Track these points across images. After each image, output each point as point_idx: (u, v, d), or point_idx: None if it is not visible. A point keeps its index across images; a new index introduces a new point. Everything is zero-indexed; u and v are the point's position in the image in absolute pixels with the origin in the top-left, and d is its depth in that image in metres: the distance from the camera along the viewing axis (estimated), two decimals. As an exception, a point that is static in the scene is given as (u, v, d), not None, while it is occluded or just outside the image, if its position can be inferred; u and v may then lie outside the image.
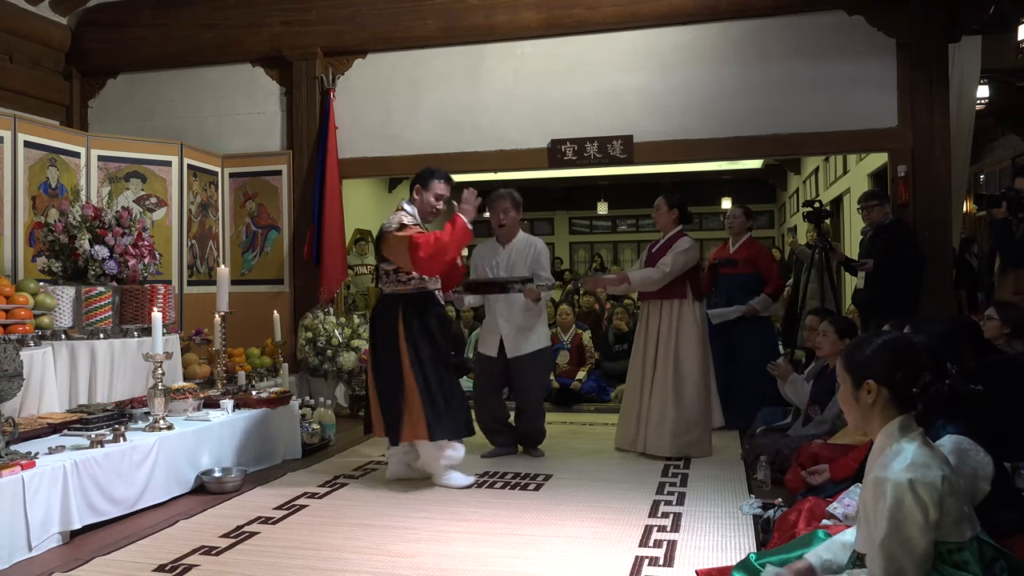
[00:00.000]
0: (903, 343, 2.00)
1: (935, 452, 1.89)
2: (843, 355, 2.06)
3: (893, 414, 1.93)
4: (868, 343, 2.01)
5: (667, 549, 3.09)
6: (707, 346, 4.85)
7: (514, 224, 4.81)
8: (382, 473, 4.33)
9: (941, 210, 5.65)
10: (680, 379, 4.68)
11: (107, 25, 6.89)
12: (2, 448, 3.20)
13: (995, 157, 9.44)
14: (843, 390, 2.03)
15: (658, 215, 4.96)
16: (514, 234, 4.82)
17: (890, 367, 1.93)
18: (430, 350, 4.03)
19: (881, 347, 1.97)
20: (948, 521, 1.80)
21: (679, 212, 4.91)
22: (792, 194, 14.51)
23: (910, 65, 5.66)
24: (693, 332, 4.74)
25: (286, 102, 6.76)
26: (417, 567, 2.95)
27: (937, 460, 1.85)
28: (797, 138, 5.92)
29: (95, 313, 4.59)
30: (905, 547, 1.77)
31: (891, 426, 1.92)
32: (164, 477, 3.81)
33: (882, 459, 1.89)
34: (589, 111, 6.20)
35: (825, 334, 4.18)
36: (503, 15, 6.18)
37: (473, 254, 5.04)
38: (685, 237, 4.84)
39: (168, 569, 2.94)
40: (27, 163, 5.25)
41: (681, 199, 4.99)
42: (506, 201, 4.78)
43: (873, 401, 1.94)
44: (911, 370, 1.93)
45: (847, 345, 2.13)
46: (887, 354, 1.95)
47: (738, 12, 5.91)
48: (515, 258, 4.77)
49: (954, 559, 1.81)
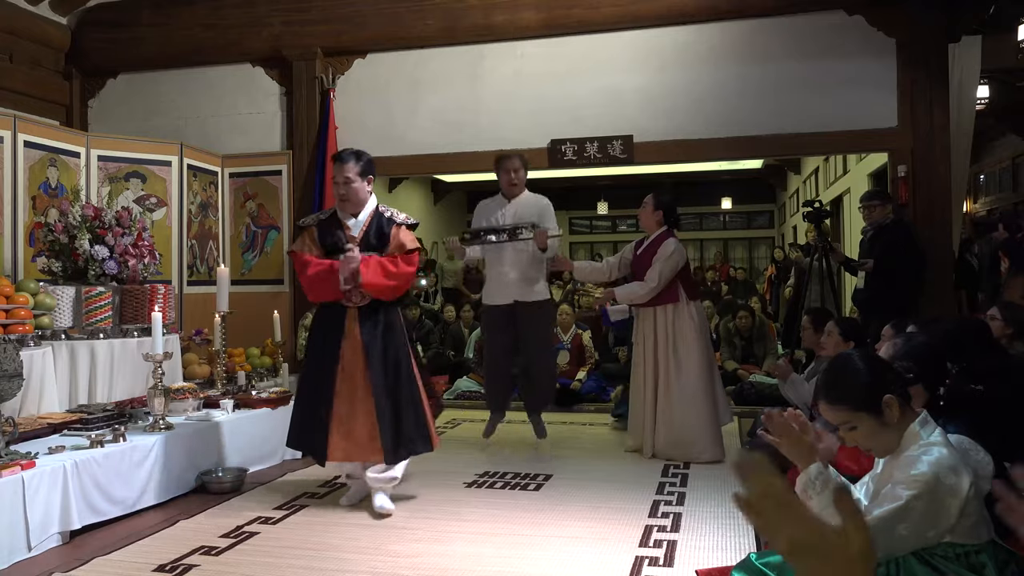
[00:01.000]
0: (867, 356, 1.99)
1: (960, 457, 1.89)
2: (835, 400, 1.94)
3: (912, 417, 1.93)
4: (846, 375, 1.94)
5: (667, 549, 3.09)
6: (708, 346, 4.78)
7: (522, 183, 4.90)
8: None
9: (941, 210, 5.66)
10: (683, 382, 4.60)
11: (107, 25, 6.89)
12: (2, 448, 3.20)
13: (995, 157, 9.44)
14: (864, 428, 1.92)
15: (643, 214, 4.84)
16: (520, 192, 4.89)
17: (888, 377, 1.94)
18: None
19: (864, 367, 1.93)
20: (967, 524, 1.79)
21: (664, 213, 4.80)
22: (792, 194, 14.51)
23: (910, 65, 5.66)
24: (691, 334, 4.64)
25: (286, 102, 6.76)
26: (417, 567, 2.95)
27: (963, 465, 1.85)
28: (797, 138, 5.93)
29: (95, 313, 4.59)
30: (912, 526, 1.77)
31: (911, 428, 1.92)
32: (164, 477, 3.81)
33: (907, 460, 1.87)
34: (589, 111, 6.20)
35: (830, 334, 4.17)
36: (503, 15, 6.18)
37: (476, 210, 5.02)
38: (670, 239, 4.71)
39: (168, 569, 2.94)
40: (27, 163, 5.25)
41: (671, 200, 4.88)
42: (516, 161, 4.86)
43: (899, 412, 1.90)
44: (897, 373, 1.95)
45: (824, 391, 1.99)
46: (874, 368, 1.94)
47: (738, 12, 5.91)
48: (521, 212, 4.81)
49: (971, 561, 1.80)
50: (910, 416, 1.93)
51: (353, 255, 3.54)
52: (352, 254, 3.54)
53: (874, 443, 1.93)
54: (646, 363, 4.74)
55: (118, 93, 7.09)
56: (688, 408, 4.58)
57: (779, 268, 11.25)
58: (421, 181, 14.32)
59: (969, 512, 1.79)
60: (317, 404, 3.63)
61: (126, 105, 7.04)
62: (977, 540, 1.81)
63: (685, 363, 4.63)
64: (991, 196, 9.74)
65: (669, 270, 4.62)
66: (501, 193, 4.93)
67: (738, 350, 7.45)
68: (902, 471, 1.85)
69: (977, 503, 1.81)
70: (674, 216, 4.85)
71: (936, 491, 1.78)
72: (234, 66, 6.84)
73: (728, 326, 7.56)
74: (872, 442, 1.93)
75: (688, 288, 4.74)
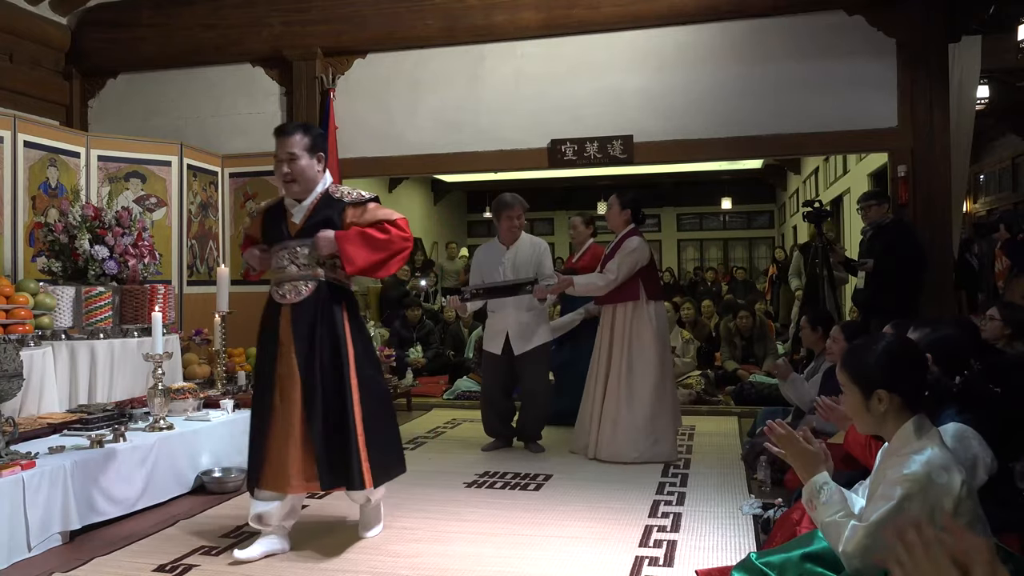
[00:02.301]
0: (905, 346, 1.99)
1: (952, 456, 1.89)
2: (844, 363, 2.02)
3: (906, 416, 1.93)
4: (868, 350, 1.97)
5: (667, 549, 3.09)
6: (666, 346, 4.73)
7: (521, 228, 4.92)
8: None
9: (941, 210, 5.66)
10: (634, 382, 4.55)
11: (107, 25, 6.89)
12: (2, 448, 3.20)
13: (995, 157, 9.44)
14: (851, 400, 1.99)
15: (609, 214, 4.82)
16: (518, 236, 4.90)
17: (898, 374, 1.92)
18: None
19: (885, 354, 1.94)
20: (963, 523, 1.79)
21: (631, 212, 4.78)
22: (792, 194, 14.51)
23: (910, 65, 5.66)
24: (648, 334, 4.59)
25: (286, 102, 6.75)
26: (417, 567, 2.94)
27: (955, 464, 1.85)
28: (797, 138, 5.93)
29: (95, 313, 4.59)
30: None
31: (906, 428, 1.92)
32: (164, 477, 3.80)
33: (899, 460, 1.87)
34: (589, 111, 6.20)
35: (835, 339, 4.15)
36: (503, 15, 6.18)
37: (475, 256, 5.10)
38: (634, 237, 4.68)
39: (168, 569, 2.94)
40: (27, 163, 5.25)
41: (636, 198, 4.85)
42: (517, 208, 4.86)
43: (885, 409, 1.93)
44: (918, 372, 1.92)
45: (845, 351, 2.08)
46: (892, 361, 1.93)
47: (738, 12, 5.91)
48: (520, 259, 4.83)
49: None
50: (903, 415, 1.93)
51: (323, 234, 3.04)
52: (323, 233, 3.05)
53: (855, 417, 2.01)
54: (599, 361, 4.71)
55: (118, 93, 7.09)
56: (637, 406, 4.52)
57: (779, 268, 11.26)
58: (421, 181, 14.33)
59: (963, 511, 1.79)
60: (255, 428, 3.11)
61: (126, 105, 7.04)
62: None
63: (638, 363, 4.57)
64: (991, 196, 9.74)
65: (627, 266, 4.59)
66: (498, 238, 4.95)
67: (738, 350, 7.45)
68: (895, 470, 1.86)
69: (971, 502, 1.81)
70: (640, 214, 4.83)
71: (928, 490, 1.79)
72: (234, 66, 6.84)
73: (728, 326, 7.57)
74: (854, 415, 2.02)
75: (650, 287, 4.68)
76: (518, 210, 4.87)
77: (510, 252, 4.87)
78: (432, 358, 7.88)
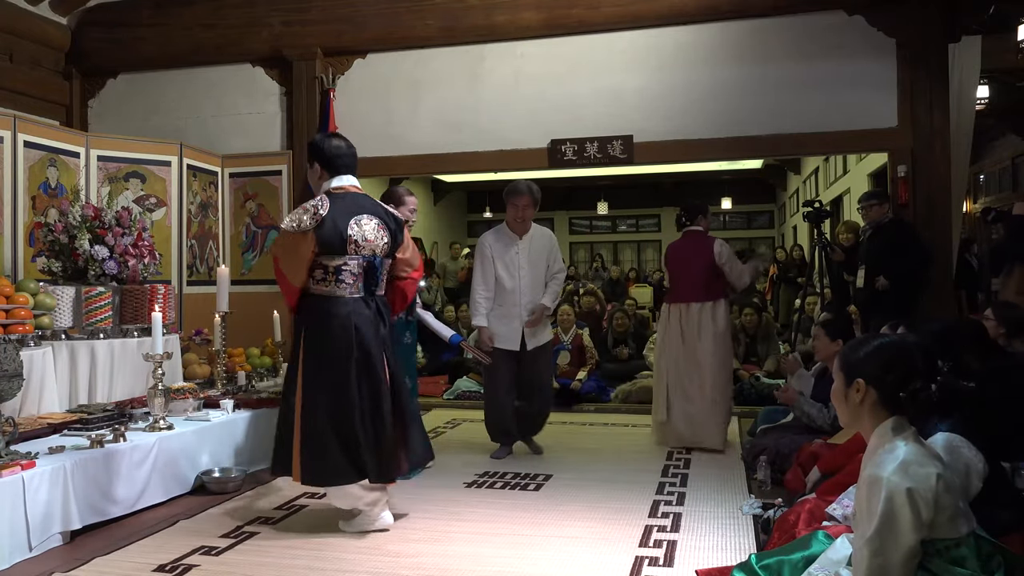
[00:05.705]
0: (899, 346, 2.00)
1: (928, 450, 1.90)
2: (840, 353, 2.09)
3: (883, 415, 1.94)
4: (865, 343, 2.02)
5: (667, 549, 3.10)
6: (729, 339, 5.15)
7: (530, 219, 4.91)
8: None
9: (941, 210, 5.65)
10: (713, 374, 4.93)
11: (107, 25, 6.89)
12: (2, 448, 3.20)
13: (995, 157, 9.44)
14: (835, 386, 2.05)
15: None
16: (528, 227, 4.89)
17: (882, 369, 1.94)
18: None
19: (876, 349, 1.98)
20: (943, 519, 1.80)
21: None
22: (792, 194, 14.52)
23: (910, 65, 5.65)
24: (724, 327, 5.05)
25: (286, 102, 6.75)
26: (417, 567, 2.95)
27: (931, 458, 1.86)
28: (797, 138, 5.92)
29: (95, 313, 4.59)
30: (893, 543, 1.78)
31: (884, 427, 1.93)
32: (164, 477, 3.81)
33: (875, 458, 1.89)
34: (589, 111, 6.19)
35: (817, 337, 4.19)
36: (503, 15, 6.18)
37: (484, 244, 4.91)
38: (715, 239, 5.13)
39: (168, 569, 2.94)
40: (27, 163, 5.25)
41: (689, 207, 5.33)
42: (527, 198, 4.80)
43: (861, 400, 1.96)
44: (902, 374, 1.93)
45: (850, 341, 2.14)
46: (881, 356, 1.96)
47: (738, 12, 5.91)
48: (535, 250, 4.85)
49: (952, 555, 1.82)
50: (881, 413, 1.94)
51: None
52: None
53: (836, 404, 2.07)
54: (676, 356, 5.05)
55: (118, 93, 7.09)
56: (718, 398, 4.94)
57: (780, 268, 11.26)
58: (421, 181, 14.32)
59: (944, 506, 1.80)
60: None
61: (126, 105, 7.04)
62: (955, 535, 1.82)
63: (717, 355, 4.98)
64: (991, 196, 9.74)
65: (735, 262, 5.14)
66: (507, 225, 4.91)
67: (741, 346, 7.40)
68: (869, 470, 1.89)
69: (950, 497, 1.81)
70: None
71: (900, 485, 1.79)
72: (234, 66, 6.84)
73: (734, 322, 7.53)
74: (836, 403, 2.07)
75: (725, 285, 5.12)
76: (525, 199, 4.77)
77: (523, 242, 4.84)
78: (432, 358, 7.88)
